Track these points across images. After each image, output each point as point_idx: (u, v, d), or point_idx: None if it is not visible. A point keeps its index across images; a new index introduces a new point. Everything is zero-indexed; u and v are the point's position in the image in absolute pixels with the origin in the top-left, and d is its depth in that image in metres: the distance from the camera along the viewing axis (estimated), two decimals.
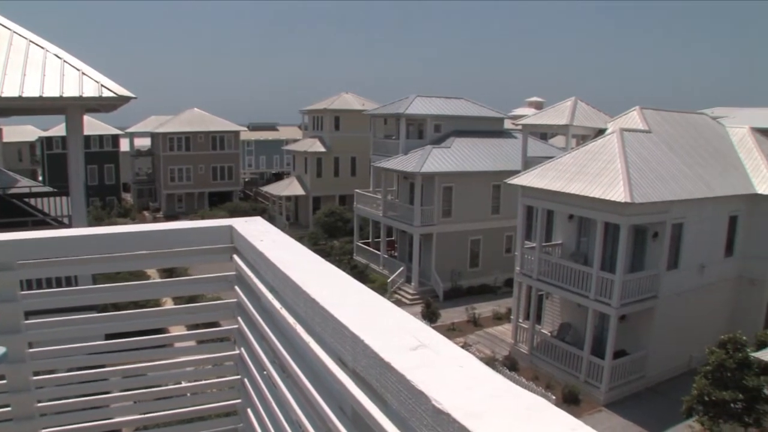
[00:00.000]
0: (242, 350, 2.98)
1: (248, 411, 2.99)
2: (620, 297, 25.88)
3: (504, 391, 1.19)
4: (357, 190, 49.88)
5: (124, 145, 78.98)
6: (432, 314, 34.22)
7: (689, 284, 28.28)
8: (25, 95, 11.28)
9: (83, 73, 12.04)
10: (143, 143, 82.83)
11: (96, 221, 50.40)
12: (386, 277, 42.11)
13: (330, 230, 54.90)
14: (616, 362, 26.84)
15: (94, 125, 67.68)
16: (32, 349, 2.70)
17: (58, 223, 15.65)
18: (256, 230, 2.74)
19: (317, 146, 64.29)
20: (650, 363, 27.77)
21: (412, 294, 40.62)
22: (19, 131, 77.19)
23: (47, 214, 16.60)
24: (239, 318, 2.94)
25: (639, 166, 26.83)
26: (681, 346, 28.21)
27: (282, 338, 2.20)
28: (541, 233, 29.85)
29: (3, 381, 2.69)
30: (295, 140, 78.17)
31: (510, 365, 29.41)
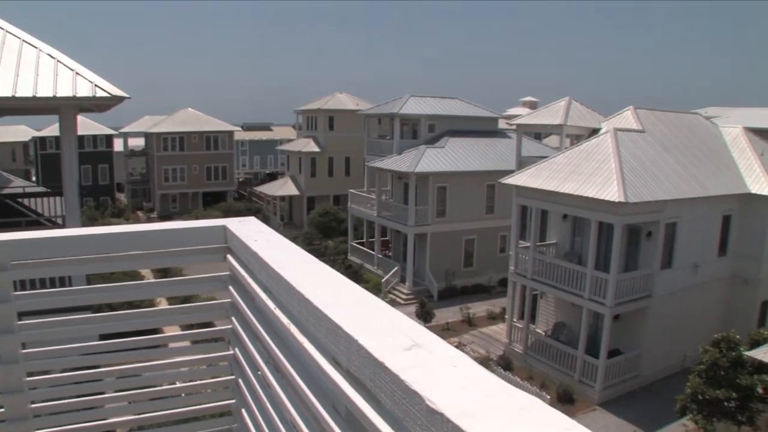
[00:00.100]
0: (236, 350, 2.97)
1: (242, 411, 2.99)
2: (614, 296, 25.94)
3: (497, 391, 1.19)
4: (351, 190, 49.87)
5: (118, 145, 78.90)
6: (426, 314, 34.22)
7: (683, 283, 28.36)
8: (19, 95, 11.25)
9: (77, 73, 12.02)
10: (137, 143, 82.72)
11: (90, 221, 50.23)
12: (381, 277, 42.12)
13: (324, 230, 54.83)
14: (611, 361, 26.89)
15: (88, 125, 67.52)
16: (26, 350, 2.69)
17: (52, 224, 15.62)
18: (250, 230, 2.74)
19: (311, 146, 64.22)
20: (644, 362, 27.84)
21: (407, 294, 40.63)
22: (13, 131, 76.91)
23: (41, 215, 16.57)
24: (233, 318, 2.93)
25: (633, 166, 26.89)
26: (675, 345, 28.29)
27: (276, 338, 2.20)
28: (536, 233, 29.89)
29: None
30: (290, 140, 78.04)
31: (504, 365, 29.45)
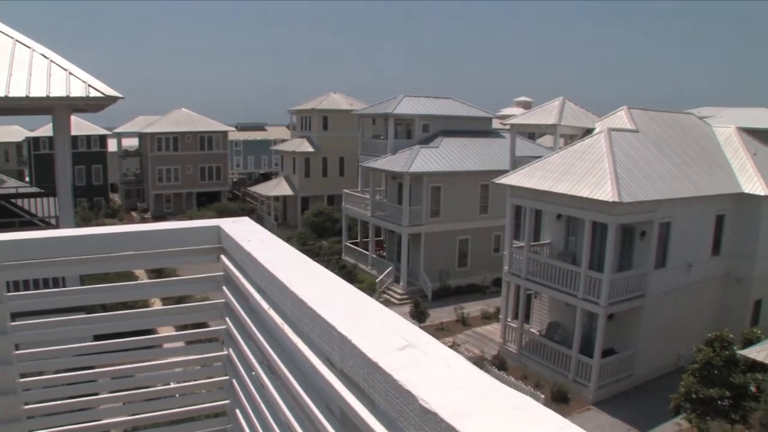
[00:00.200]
0: (230, 351, 2.97)
1: (237, 411, 2.99)
2: (608, 296, 25.98)
3: (491, 391, 1.19)
4: (345, 190, 49.83)
5: (112, 146, 78.63)
6: (421, 314, 34.23)
7: (677, 283, 28.43)
8: (12, 95, 11.20)
9: (70, 73, 11.98)
10: (131, 143, 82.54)
11: (83, 222, 50.09)
12: (375, 277, 42.12)
13: (318, 230, 54.81)
14: (605, 361, 26.94)
15: (82, 125, 67.37)
16: (19, 351, 2.68)
17: (45, 224, 15.56)
18: (244, 230, 2.73)
19: (305, 146, 64.19)
20: (638, 361, 27.89)
21: (401, 294, 40.63)
22: (6, 131, 76.75)
23: (34, 215, 16.52)
24: (227, 318, 2.93)
25: (626, 166, 26.94)
26: (669, 345, 28.35)
27: (270, 339, 2.20)
28: (530, 233, 29.93)
29: None
30: (284, 140, 78.06)
31: (499, 364, 29.47)
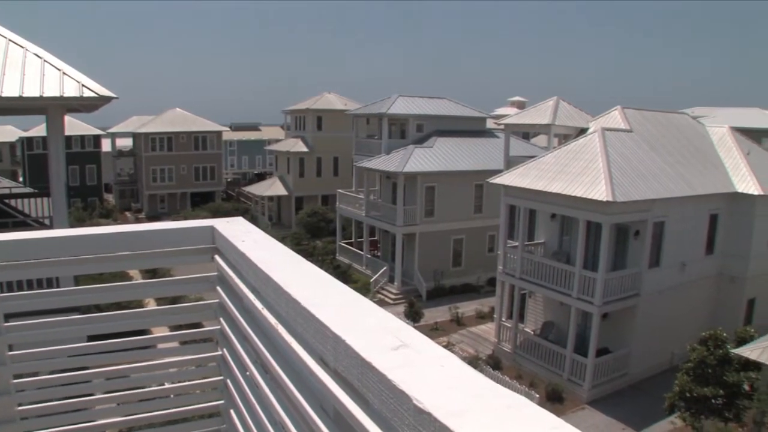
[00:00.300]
0: (224, 351, 2.97)
1: (231, 412, 2.99)
2: (602, 295, 26.02)
3: (485, 390, 1.19)
4: (339, 190, 49.80)
5: (106, 146, 78.41)
6: (415, 314, 34.23)
7: (671, 282, 28.49)
8: (5, 95, 11.18)
9: (64, 73, 11.95)
10: (125, 143, 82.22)
11: (77, 222, 50.00)
12: (369, 277, 42.10)
13: (313, 230, 54.76)
14: (599, 360, 26.99)
15: (76, 125, 67.17)
16: (12, 352, 2.68)
17: (39, 224, 15.54)
18: (238, 230, 2.73)
19: (300, 146, 64.10)
20: (633, 360, 27.95)
21: (395, 294, 40.62)
22: None
23: (28, 215, 16.49)
24: (221, 319, 2.93)
25: (620, 165, 26.98)
26: (663, 344, 28.42)
27: (264, 339, 2.20)
28: (524, 232, 29.96)
29: None
30: (278, 140, 77.88)
31: (493, 364, 29.49)
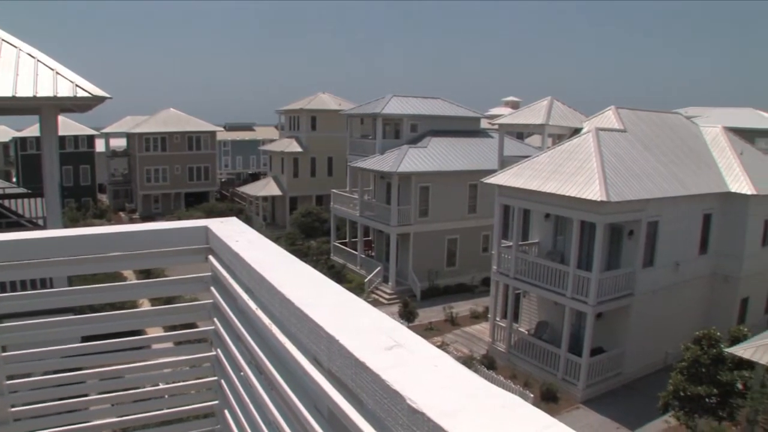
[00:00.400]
0: (219, 351, 2.97)
1: (225, 412, 2.98)
2: (597, 295, 26.06)
3: (478, 390, 1.20)
4: (334, 190, 49.75)
5: (100, 146, 78.27)
6: (409, 314, 34.22)
7: (665, 282, 28.55)
8: None
9: (57, 73, 11.93)
10: (119, 144, 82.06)
11: (71, 222, 49.83)
12: (363, 277, 42.11)
13: (307, 230, 54.72)
14: (593, 360, 27.02)
15: (69, 125, 66.94)
16: (6, 353, 2.67)
17: (33, 225, 15.49)
18: (232, 231, 2.73)
19: (294, 146, 64.05)
20: (627, 360, 28.00)
21: (390, 294, 40.61)
22: None
23: (21, 216, 16.43)
24: (215, 319, 2.92)
25: (614, 165, 27.03)
26: (657, 343, 28.48)
27: (258, 339, 2.20)
28: (518, 232, 29.96)
29: None
30: (272, 140, 77.90)
31: (488, 364, 29.49)
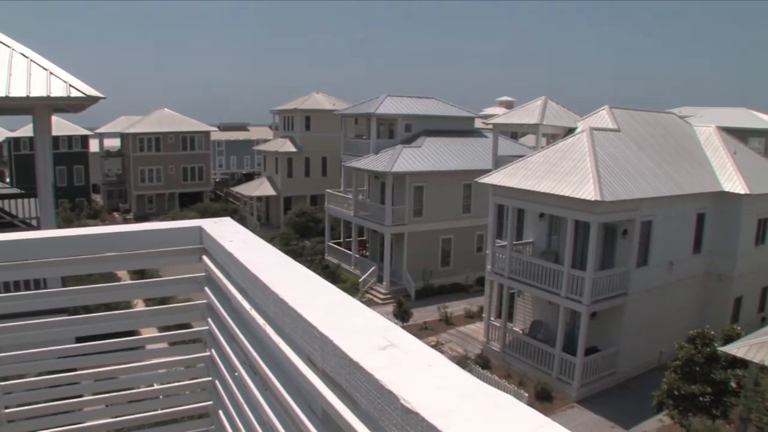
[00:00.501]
0: (213, 352, 2.96)
1: (219, 412, 2.98)
2: (591, 294, 26.10)
3: (472, 390, 1.20)
4: (328, 190, 49.74)
5: (94, 146, 77.98)
6: (404, 313, 34.21)
7: (658, 281, 28.63)
8: None
9: (51, 73, 11.89)
10: (113, 144, 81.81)
11: (65, 223, 49.69)
12: (358, 277, 42.09)
13: (301, 230, 54.66)
14: (588, 359, 27.06)
15: (63, 126, 66.80)
16: (0, 354, 2.67)
17: (26, 225, 15.43)
18: (226, 231, 2.73)
19: (288, 146, 63.96)
20: (621, 359, 28.06)
21: (384, 293, 40.60)
22: None
23: (15, 216, 16.37)
24: (209, 319, 2.92)
25: (608, 165, 27.07)
26: (651, 342, 28.54)
27: (252, 339, 2.20)
28: (512, 232, 29.99)
29: None
30: (266, 140, 77.70)
31: (482, 363, 29.51)
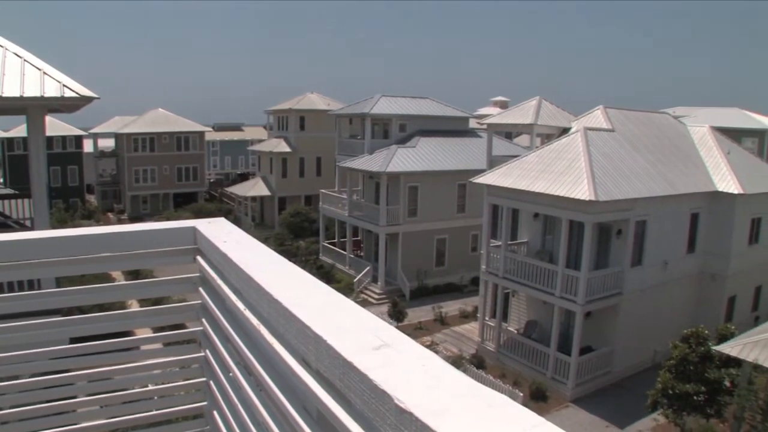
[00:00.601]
0: (207, 352, 2.96)
1: (214, 413, 2.98)
2: (585, 294, 26.13)
3: (466, 389, 1.20)
4: (322, 190, 49.67)
5: (88, 146, 77.82)
6: (399, 313, 34.18)
7: (653, 280, 28.67)
8: None
9: (44, 73, 11.85)
10: (107, 144, 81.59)
11: (59, 224, 49.56)
12: (352, 277, 42.09)
13: (296, 231, 54.58)
14: (583, 358, 27.10)
15: (57, 126, 66.62)
16: None
17: (20, 226, 15.40)
18: (220, 231, 2.73)
19: (282, 146, 63.87)
20: (616, 359, 28.10)
21: (379, 294, 40.59)
22: None
23: (8, 217, 16.34)
24: (204, 320, 2.92)
25: (603, 165, 27.11)
26: (645, 342, 28.59)
27: (246, 339, 2.20)
28: (507, 232, 30.00)
29: None
30: (261, 140, 77.61)
31: (477, 363, 29.52)
